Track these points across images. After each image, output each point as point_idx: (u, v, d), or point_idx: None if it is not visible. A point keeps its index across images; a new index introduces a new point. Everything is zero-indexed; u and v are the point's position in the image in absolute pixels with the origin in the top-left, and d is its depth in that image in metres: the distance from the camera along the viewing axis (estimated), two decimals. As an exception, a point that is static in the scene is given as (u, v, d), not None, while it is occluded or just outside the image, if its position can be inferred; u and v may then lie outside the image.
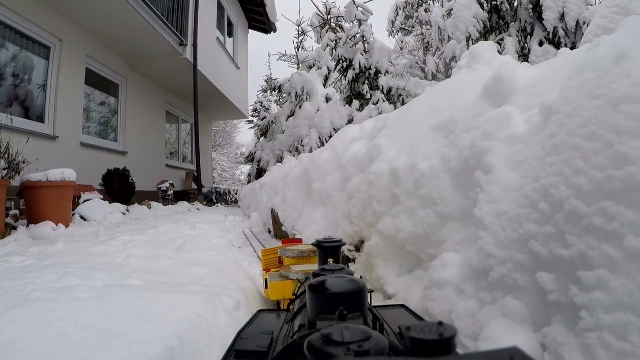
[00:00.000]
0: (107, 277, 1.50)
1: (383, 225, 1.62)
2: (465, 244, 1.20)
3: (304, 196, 3.25)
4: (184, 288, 1.44)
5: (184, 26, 8.12)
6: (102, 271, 1.55)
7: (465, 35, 7.20)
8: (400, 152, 1.78)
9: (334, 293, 0.48)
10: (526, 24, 6.79)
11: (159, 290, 1.37)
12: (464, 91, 2.09)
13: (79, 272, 1.54)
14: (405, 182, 1.60)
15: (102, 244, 2.36)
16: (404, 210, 1.57)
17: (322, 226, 2.56)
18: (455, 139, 1.55)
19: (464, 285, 1.06)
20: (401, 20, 15.67)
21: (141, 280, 1.52)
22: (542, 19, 6.13)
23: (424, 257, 1.46)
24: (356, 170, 2.18)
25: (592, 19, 5.24)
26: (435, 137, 1.71)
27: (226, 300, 1.36)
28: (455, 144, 1.53)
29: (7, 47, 5.07)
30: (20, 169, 3.26)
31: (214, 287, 1.49)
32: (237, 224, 5.07)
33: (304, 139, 9.43)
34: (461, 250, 1.20)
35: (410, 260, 1.56)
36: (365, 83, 9.23)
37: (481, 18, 7.04)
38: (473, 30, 7.12)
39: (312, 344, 0.32)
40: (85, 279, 1.45)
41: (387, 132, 2.18)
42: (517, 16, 6.93)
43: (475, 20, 7.06)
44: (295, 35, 12.06)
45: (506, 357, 0.23)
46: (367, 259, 1.68)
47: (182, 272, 1.76)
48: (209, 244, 2.68)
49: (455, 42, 7.22)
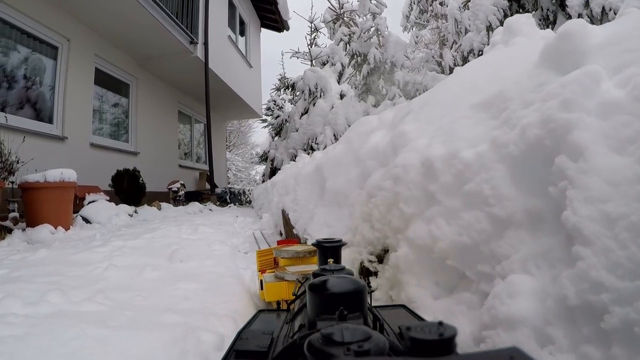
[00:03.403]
0: (62, 299, 1.20)
1: (414, 231, 1.27)
2: (540, 262, 0.84)
3: (316, 195, 2.91)
4: (154, 317, 1.13)
5: (194, 24, 7.93)
6: (58, 291, 1.25)
7: (485, 24, 6.93)
8: (433, 138, 1.42)
9: (334, 293, 0.48)
10: (548, 12, 6.43)
11: (118, 322, 1.07)
12: (509, 64, 1.72)
13: (34, 290, 1.26)
14: (443, 175, 1.24)
15: (88, 251, 2.09)
16: (443, 212, 1.21)
17: (337, 230, 2.21)
18: (509, 117, 1.19)
19: (550, 330, 0.70)
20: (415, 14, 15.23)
21: (105, 304, 1.22)
22: (565, 5, 5.81)
23: (472, 275, 1.10)
24: (376, 163, 1.83)
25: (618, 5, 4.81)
26: (480, 118, 1.35)
27: (205, 337, 1.04)
28: (510, 123, 1.16)
29: (13, 47, 4.93)
30: (14, 169, 3.04)
31: (195, 315, 1.18)
32: (247, 225, 4.77)
33: (318, 137, 9.16)
34: (535, 271, 0.84)
35: (451, 277, 1.20)
36: (381, 78, 8.90)
37: (501, 6, 6.68)
38: (493, 18, 6.81)
39: (312, 344, 0.32)
40: (30, 303, 1.15)
41: (413, 117, 1.82)
42: (539, 4, 6.58)
43: (495, 9, 6.72)
44: (308, 32, 11.78)
45: (506, 357, 0.23)
46: (394, 273, 1.33)
47: (165, 290, 1.45)
48: (208, 251, 2.37)
49: (473, 34, 7.00)
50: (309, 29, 11.66)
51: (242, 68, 11.60)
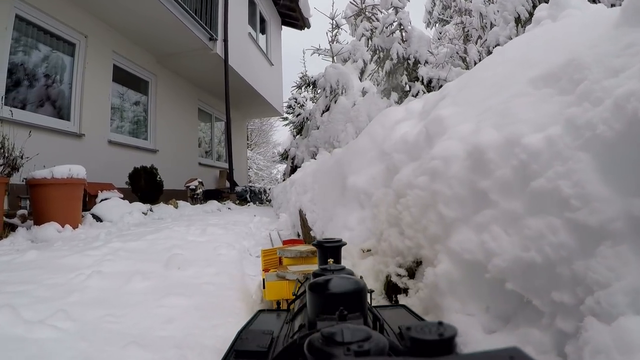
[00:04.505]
0: (10, 318, 0.98)
1: (459, 241, 0.97)
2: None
3: (336, 194, 2.64)
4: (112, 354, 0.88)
5: (213, 21, 7.82)
6: (9, 308, 1.02)
7: (513, 15, 6.55)
8: (481, 123, 1.12)
9: (334, 293, 0.48)
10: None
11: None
12: (570, 34, 1.39)
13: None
14: (498, 168, 0.94)
15: (80, 254, 1.89)
16: (499, 217, 0.91)
17: (359, 233, 1.93)
18: (590, 89, 0.88)
19: None
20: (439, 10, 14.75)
21: (61, 328, 0.98)
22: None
23: (544, 305, 0.80)
24: (405, 157, 1.53)
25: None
26: (544, 94, 1.04)
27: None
28: (593, 97, 0.85)
29: (29, 43, 4.90)
30: (18, 164, 2.91)
31: (169, 350, 0.92)
32: (263, 225, 4.54)
33: (339, 134, 8.90)
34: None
35: (511, 304, 0.90)
36: (404, 74, 8.57)
37: (530, -4, 6.23)
38: (522, 9, 6.43)
39: (312, 343, 0.32)
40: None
41: (451, 101, 1.51)
42: (570, -10, 6.04)
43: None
44: (329, 29, 11.52)
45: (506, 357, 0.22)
46: (430, 294, 1.04)
47: (147, 306, 1.21)
48: (213, 255, 2.13)
49: (499, 28, 6.68)
50: (330, 25, 11.41)
51: (263, 66, 11.45)
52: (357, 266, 1.60)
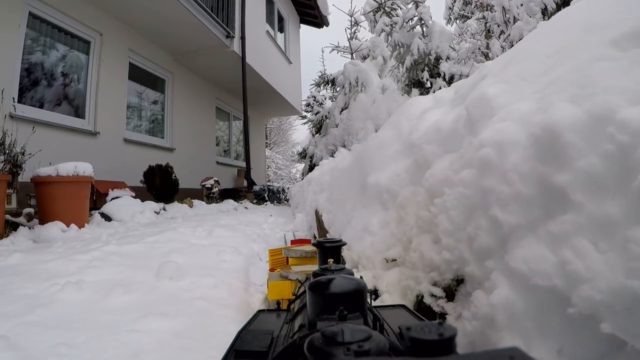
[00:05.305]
0: None
1: (523, 258, 0.71)
2: None
3: (355, 193, 2.37)
4: None
5: (230, 18, 7.70)
6: None
7: (540, 6, 6.21)
8: (547, 98, 0.84)
9: (334, 293, 0.48)
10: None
11: None
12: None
13: None
14: (582, 156, 0.67)
15: (66, 259, 1.70)
16: (586, 225, 0.64)
17: (382, 238, 1.66)
18: None
19: None
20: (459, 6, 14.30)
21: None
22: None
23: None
24: (439, 149, 1.26)
25: None
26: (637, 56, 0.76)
27: None
28: None
29: (43, 40, 4.85)
30: (20, 161, 2.79)
31: None
32: (278, 226, 4.32)
33: (358, 132, 8.65)
34: None
35: (597, 349, 0.63)
36: (425, 70, 8.23)
37: (557, -14, 5.87)
38: (549, 0, 6.01)
39: (312, 343, 0.32)
40: None
41: (494, 79, 1.23)
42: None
43: (552, -10, 5.89)
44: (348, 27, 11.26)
45: (506, 357, 0.23)
46: (482, 328, 0.77)
47: (117, 331, 0.98)
48: (215, 262, 1.90)
49: (522, 23, 6.33)
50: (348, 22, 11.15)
51: (281, 64, 11.28)
52: (379, 279, 1.34)
